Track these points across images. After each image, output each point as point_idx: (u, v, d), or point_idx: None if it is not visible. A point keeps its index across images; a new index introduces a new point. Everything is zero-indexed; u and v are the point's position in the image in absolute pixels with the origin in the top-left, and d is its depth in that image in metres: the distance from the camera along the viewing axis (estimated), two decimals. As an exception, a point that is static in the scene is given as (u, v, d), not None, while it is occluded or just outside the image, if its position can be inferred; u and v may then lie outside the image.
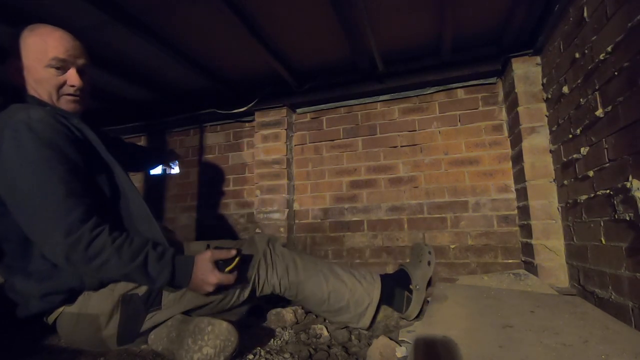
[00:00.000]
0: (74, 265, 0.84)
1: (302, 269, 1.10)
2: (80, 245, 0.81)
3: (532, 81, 1.63)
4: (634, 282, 0.95)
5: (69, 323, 0.93)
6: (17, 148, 0.81)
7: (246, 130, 2.37)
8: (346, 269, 1.16)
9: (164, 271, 0.89)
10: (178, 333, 0.91)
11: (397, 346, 0.92)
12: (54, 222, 0.81)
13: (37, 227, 0.82)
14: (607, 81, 1.05)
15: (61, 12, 1.39)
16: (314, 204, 2.14)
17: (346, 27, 1.49)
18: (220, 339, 0.86)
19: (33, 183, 0.81)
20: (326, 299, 1.09)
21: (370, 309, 1.10)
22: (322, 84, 2.03)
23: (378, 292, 1.11)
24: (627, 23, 0.92)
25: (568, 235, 1.42)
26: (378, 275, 1.17)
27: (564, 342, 0.83)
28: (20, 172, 0.81)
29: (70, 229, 0.81)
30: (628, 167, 0.95)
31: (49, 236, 0.81)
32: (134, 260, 0.86)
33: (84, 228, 0.82)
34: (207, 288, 0.93)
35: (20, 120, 0.83)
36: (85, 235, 0.82)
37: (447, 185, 1.89)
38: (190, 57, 1.79)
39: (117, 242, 0.85)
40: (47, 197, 0.81)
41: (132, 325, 0.94)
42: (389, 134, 2.04)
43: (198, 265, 0.93)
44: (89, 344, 0.96)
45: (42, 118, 0.85)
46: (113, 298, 0.93)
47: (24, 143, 0.82)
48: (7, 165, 0.82)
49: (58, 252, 0.81)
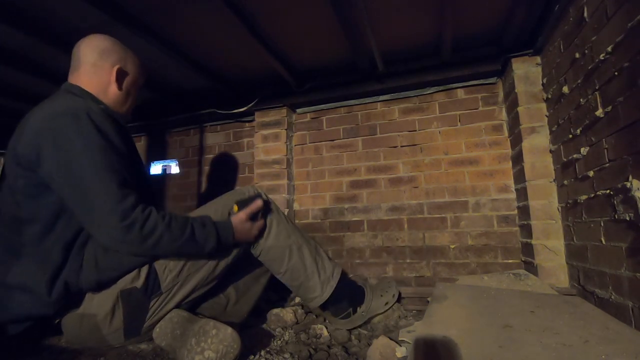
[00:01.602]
0: (129, 247, 0.89)
1: (273, 236, 1.15)
2: (135, 226, 0.87)
3: (532, 81, 1.63)
4: (634, 282, 0.95)
5: (74, 325, 0.95)
6: (78, 134, 0.87)
7: (246, 130, 2.37)
8: (314, 252, 1.21)
9: (210, 237, 0.98)
10: (182, 331, 0.91)
11: (397, 346, 0.92)
12: (110, 207, 0.85)
13: (94, 213, 0.86)
14: (607, 81, 1.05)
15: (61, 12, 1.39)
16: (314, 204, 2.14)
17: (346, 27, 1.49)
18: (223, 344, 0.86)
19: (92, 169, 0.86)
20: (283, 272, 1.17)
21: (317, 301, 1.18)
22: (322, 84, 2.03)
23: (329, 293, 1.17)
24: (627, 23, 0.92)
25: (568, 235, 1.42)
26: (338, 275, 1.21)
27: (564, 342, 0.83)
28: (79, 157, 0.86)
29: (125, 214, 0.86)
30: (628, 167, 0.95)
31: (105, 220, 0.86)
32: (184, 233, 0.94)
33: (136, 211, 0.88)
34: (251, 239, 1.10)
35: (81, 108, 0.90)
36: (138, 217, 0.87)
37: (447, 185, 1.89)
38: (190, 57, 1.79)
39: (166, 220, 0.92)
40: (103, 184, 0.86)
41: (137, 316, 0.96)
42: (389, 134, 2.04)
43: (237, 228, 1.05)
44: (97, 343, 0.97)
45: (101, 111, 0.96)
46: (113, 296, 0.94)
47: (85, 130, 0.88)
48: (65, 147, 0.86)
49: (115, 235, 0.86)
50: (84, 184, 0.86)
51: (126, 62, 1.09)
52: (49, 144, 0.86)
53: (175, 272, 1.00)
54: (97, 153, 0.87)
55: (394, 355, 0.89)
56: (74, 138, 0.86)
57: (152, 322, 0.98)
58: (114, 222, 0.85)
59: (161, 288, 0.98)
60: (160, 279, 0.98)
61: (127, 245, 0.88)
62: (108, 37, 1.08)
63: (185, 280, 1.02)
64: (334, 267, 1.22)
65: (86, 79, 1.03)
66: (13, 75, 1.88)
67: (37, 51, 1.67)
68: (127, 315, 0.95)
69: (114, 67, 1.05)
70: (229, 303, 1.17)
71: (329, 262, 1.23)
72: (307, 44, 1.71)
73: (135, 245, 0.88)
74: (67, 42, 1.60)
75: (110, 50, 1.06)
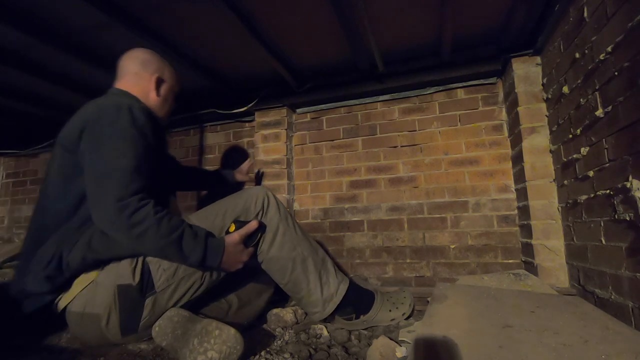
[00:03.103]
0: (116, 231, 0.91)
1: (277, 246, 1.13)
2: (126, 211, 0.89)
3: (532, 81, 1.63)
4: (634, 282, 0.95)
5: (76, 320, 0.98)
6: (114, 122, 0.96)
7: (246, 130, 2.37)
8: (320, 265, 1.17)
9: (197, 249, 0.96)
10: (184, 331, 0.91)
11: (397, 346, 0.92)
12: (113, 187, 0.90)
13: (98, 189, 0.92)
14: (607, 81, 1.05)
15: (61, 12, 1.39)
16: (314, 204, 2.14)
17: (346, 27, 1.49)
18: (227, 345, 0.86)
19: (112, 153, 0.93)
20: (285, 283, 1.16)
21: (318, 316, 1.16)
22: (322, 84, 2.03)
23: (330, 310, 1.15)
24: (627, 23, 0.92)
25: (568, 235, 1.42)
26: (343, 293, 1.16)
27: (564, 342, 0.83)
28: (106, 139, 0.94)
29: (122, 196, 0.89)
30: (628, 167, 0.95)
31: (103, 198, 0.90)
32: (171, 235, 0.93)
33: (134, 198, 0.91)
34: (238, 266, 1.05)
35: (125, 103, 1.01)
36: (132, 203, 0.90)
37: (447, 185, 1.89)
38: (190, 57, 1.79)
39: (158, 215, 0.93)
40: (117, 167, 0.92)
41: (133, 313, 0.97)
42: (389, 134, 2.04)
43: (229, 249, 1.02)
44: (97, 338, 0.99)
45: (142, 109, 1.05)
46: (110, 291, 0.95)
47: (121, 119, 0.97)
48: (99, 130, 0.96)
49: (106, 215, 0.89)
50: (100, 163, 0.93)
51: (164, 71, 1.24)
52: (89, 128, 0.97)
53: (169, 273, 1.00)
54: (123, 139, 0.95)
55: (394, 355, 0.89)
56: (109, 124, 0.96)
57: (149, 321, 0.98)
58: (110, 202, 0.89)
59: (155, 287, 0.99)
60: (154, 277, 0.99)
61: (114, 228, 0.90)
62: (148, 51, 1.25)
63: (179, 282, 1.01)
64: (339, 284, 1.18)
65: (130, 85, 1.17)
66: (12, 75, 1.88)
67: (37, 51, 1.67)
68: (123, 311, 0.96)
69: (153, 75, 1.20)
70: (230, 309, 1.17)
71: (335, 277, 1.18)
72: (307, 44, 1.71)
73: (122, 230, 0.90)
74: (67, 42, 1.61)
75: (150, 61, 1.21)
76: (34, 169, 3.00)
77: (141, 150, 0.97)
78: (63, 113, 2.46)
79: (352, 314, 1.18)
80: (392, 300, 1.24)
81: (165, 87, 1.23)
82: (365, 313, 1.18)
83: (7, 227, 2.98)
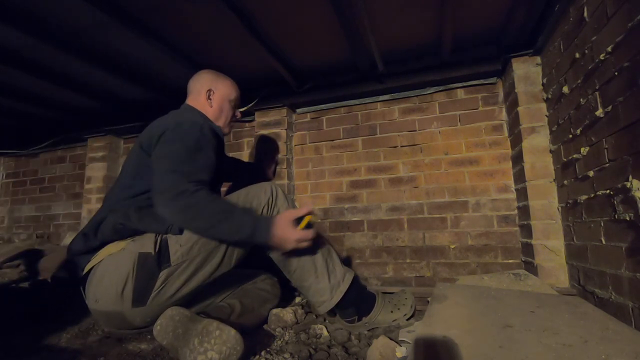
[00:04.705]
0: (176, 209, 0.99)
1: None
2: (186, 192, 0.99)
3: (532, 81, 1.63)
4: (634, 282, 0.95)
5: (95, 283, 1.05)
6: (187, 132, 1.11)
7: (246, 130, 2.37)
8: (326, 254, 1.19)
9: (247, 222, 1.03)
10: (185, 330, 0.91)
11: (397, 346, 0.92)
12: (176, 175, 1.01)
13: (164, 177, 1.02)
14: (607, 81, 1.05)
15: (61, 12, 1.39)
16: (314, 204, 2.13)
17: (346, 27, 1.49)
18: (227, 345, 0.86)
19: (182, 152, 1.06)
20: (293, 270, 1.17)
21: (326, 306, 1.16)
22: (322, 84, 2.03)
23: (338, 298, 1.16)
24: (627, 23, 0.92)
25: (568, 235, 1.42)
26: (349, 281, 1.18)
27: (564, 342, 0.83)
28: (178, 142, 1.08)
29: (180, 182, 1.00)
30: (628, 167, 0.95)
31: (164, 183, 1.01)
32: (223, 212, 1.02)
33: (190, 184, 1.01)
34: (288, 245, 1.06)
35: (199, 122, 1.16)
36: (190, 187, 1.00)
37: (447, 185, 1.89)
38: (190, 57, 1.79)
39: (213, 196, 1.04)
40: (185, 161, 1.05)
41: (146, 283, 1.02)
42: (389, 134, 2.04)
43: (279, 224, 1.04)
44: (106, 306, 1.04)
45: (209, 126, 1.20)
46: (133, 257, 1.03)
47: (194, 131, 1.12)
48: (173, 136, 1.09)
49: (166, 195, 0.99)
50: (171, 156, 1.05)
51: (216, 83, 1.37)
52: (167, 134, 1.10)
53: (185, 248, 1.05)
54: (192, 146, 1.08)
55: (394, 355, 0.89)
56: (183, 132, 1.10)
57: (158, 297, 1.03)
58: (169, 185, 1.00)
59: (170, 261, 1.04)
60: (170, 250, 1.04)
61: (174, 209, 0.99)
62: (208, 70, 1.41)
63: (193, 260, 1.06)
64: (345, 272, 1.20)
65: (194, 102, 1.35)
66: (12, 75, 1.88)
67: (37, 51, 1.67)
68: (139, 279, 1.02)
69: (204, 88, 1.35)
70: (233, 314, 1.17)
71: (341, 266, 1.20)
72: (307, 43, 1.71)
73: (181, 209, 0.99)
74: (67, 41, 1.61)
75: (204, 78, 1.37)
76: (34, 169, 3.00)
77: (204, 159, 1.11)
78: (63, 113, 2.47)
79: (354, 315, 1.18)
80: (393, 301, 1.24)
81: (216, 96, 1.35)
82: (367, 315, 1.19)
83: (7, 227, 2.99)
